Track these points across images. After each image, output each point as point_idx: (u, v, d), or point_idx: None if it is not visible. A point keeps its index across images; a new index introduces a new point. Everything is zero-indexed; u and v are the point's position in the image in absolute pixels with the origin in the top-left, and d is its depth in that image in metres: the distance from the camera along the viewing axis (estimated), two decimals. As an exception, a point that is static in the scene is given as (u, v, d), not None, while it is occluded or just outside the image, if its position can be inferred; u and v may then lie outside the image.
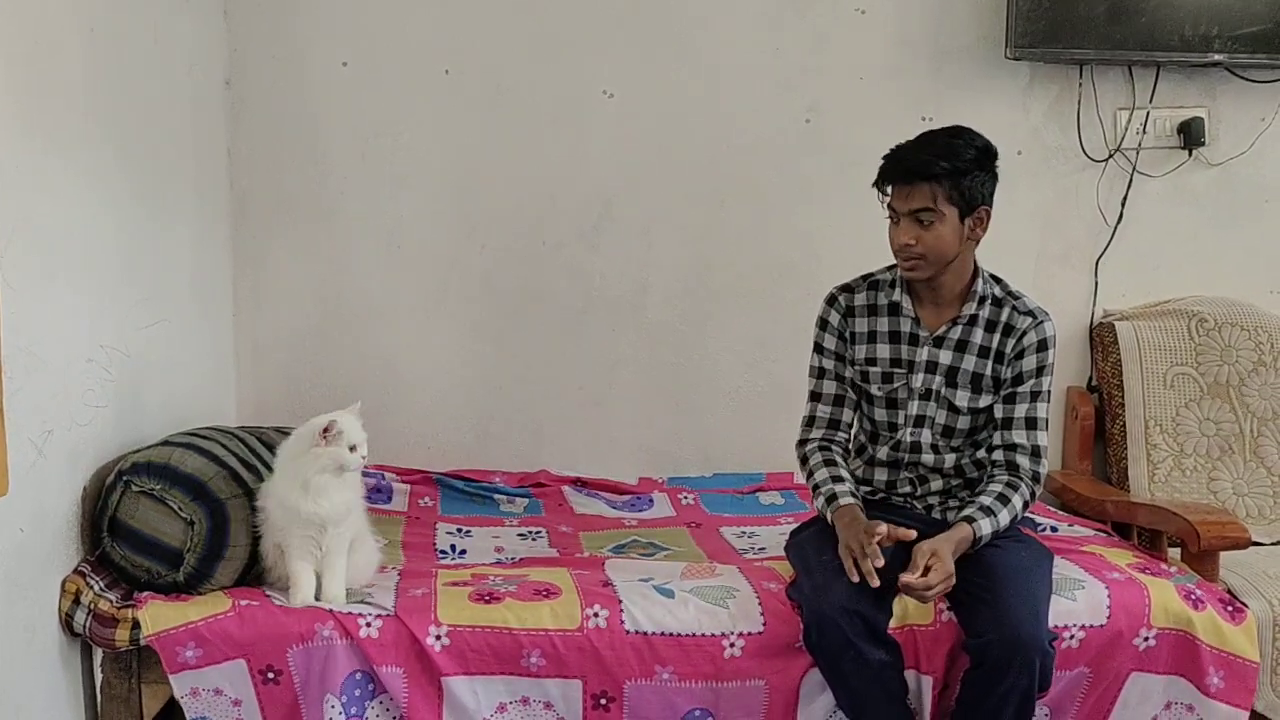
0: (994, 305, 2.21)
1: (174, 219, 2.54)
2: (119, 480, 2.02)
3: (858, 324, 2.26)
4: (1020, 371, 2.19)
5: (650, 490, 2.93)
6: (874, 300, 2.26)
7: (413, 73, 2.95)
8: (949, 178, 2.10)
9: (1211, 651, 2.09)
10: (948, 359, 2.20)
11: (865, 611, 1.96)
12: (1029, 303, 2.23)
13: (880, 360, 2.24)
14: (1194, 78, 3.04)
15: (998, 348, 2.19)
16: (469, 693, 1.99)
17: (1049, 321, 2.22)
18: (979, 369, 2.20)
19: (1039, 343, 2.19)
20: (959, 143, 2.13)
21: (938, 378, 2.21)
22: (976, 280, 2.22)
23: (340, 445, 1.98)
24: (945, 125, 2.22)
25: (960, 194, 2.11)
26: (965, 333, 2.20)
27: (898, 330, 2.23)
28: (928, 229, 2.11)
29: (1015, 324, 2.20)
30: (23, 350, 1.75)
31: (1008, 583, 2.02)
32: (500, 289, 3.03)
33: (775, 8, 3.00)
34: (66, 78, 1.98)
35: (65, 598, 1.94)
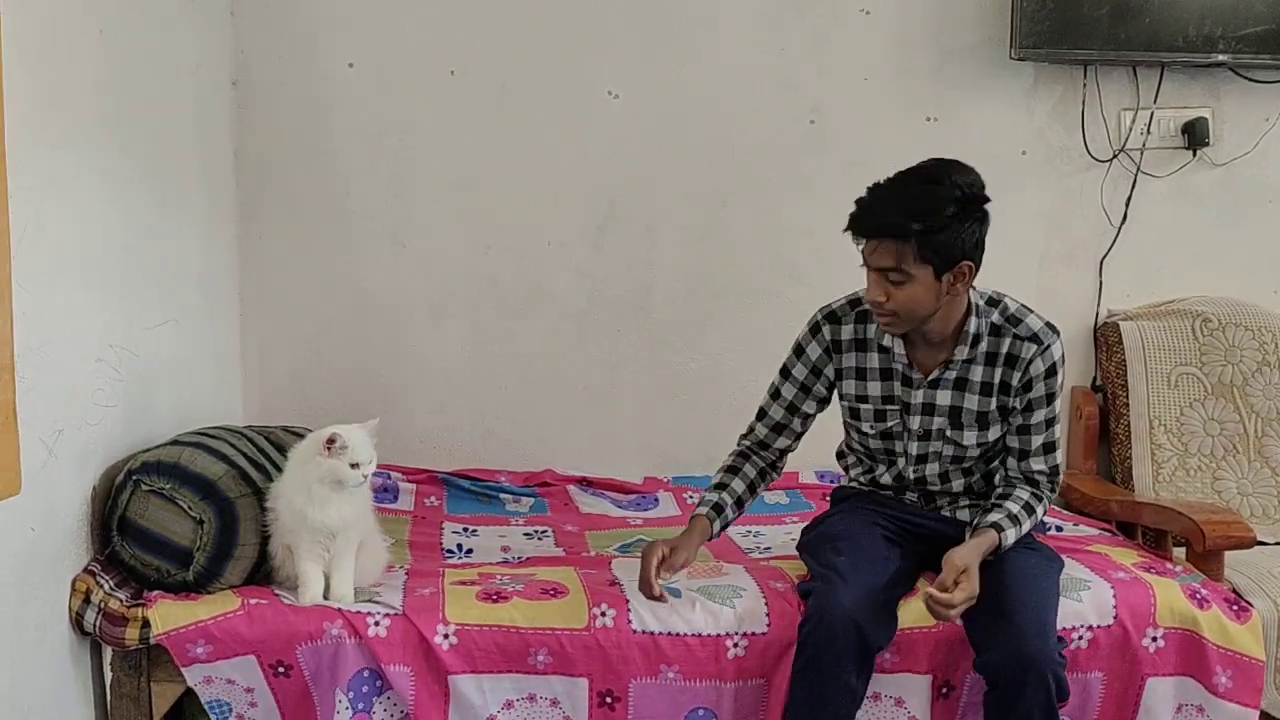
0: (992, 336, 2.06)
1: (181, 219, 2.55)
2: (129, 480, 2.03)
3: (845, 359, 2.14)
4: (1030, 401, 2.07)
5: (655, 489, 2.94)
6: (863, 335, 2.12)
7: (418, 74, 2.95)
8: (920, 237, 1.90)
9: (1218, 651, 2.10)
10: (947, 399, 2.09)
11: (865, 626, 1.92)
12: (1033, 324, 2.07)
13: (872, 399, 2.13)
14: (1198, 78, 3.04)
15: (1002, 379, 2.06)
16: (476, 691, 2.00)
17: (1056, 342, 2.07)
18: (983, 407, 2.07)
19: (1048, 370, 2.06)
20: (939, 192, 1.92)
21: (938, 419, 2.10)
22: (969, 318, 2.05)
23: (341, 460, 1.98)
24: (930, 161, 2.03)
25: (935, 252, 1.92)
26: (963, 370, 2.07)
27: (890, 368, 2.11)
28: (898, 288, 1.95)
29: (1019, 353, 2.05)
30: (34, 350, 1.76)
31: (1014, 596, 1.96)
32: (505, 289, 3.04)
33: (779, 8, 3.00)
34: (78, 79, 1.99)
35: (75, 596, 1.95)
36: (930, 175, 1.96)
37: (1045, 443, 2.12)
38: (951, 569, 1.92)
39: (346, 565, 2.04)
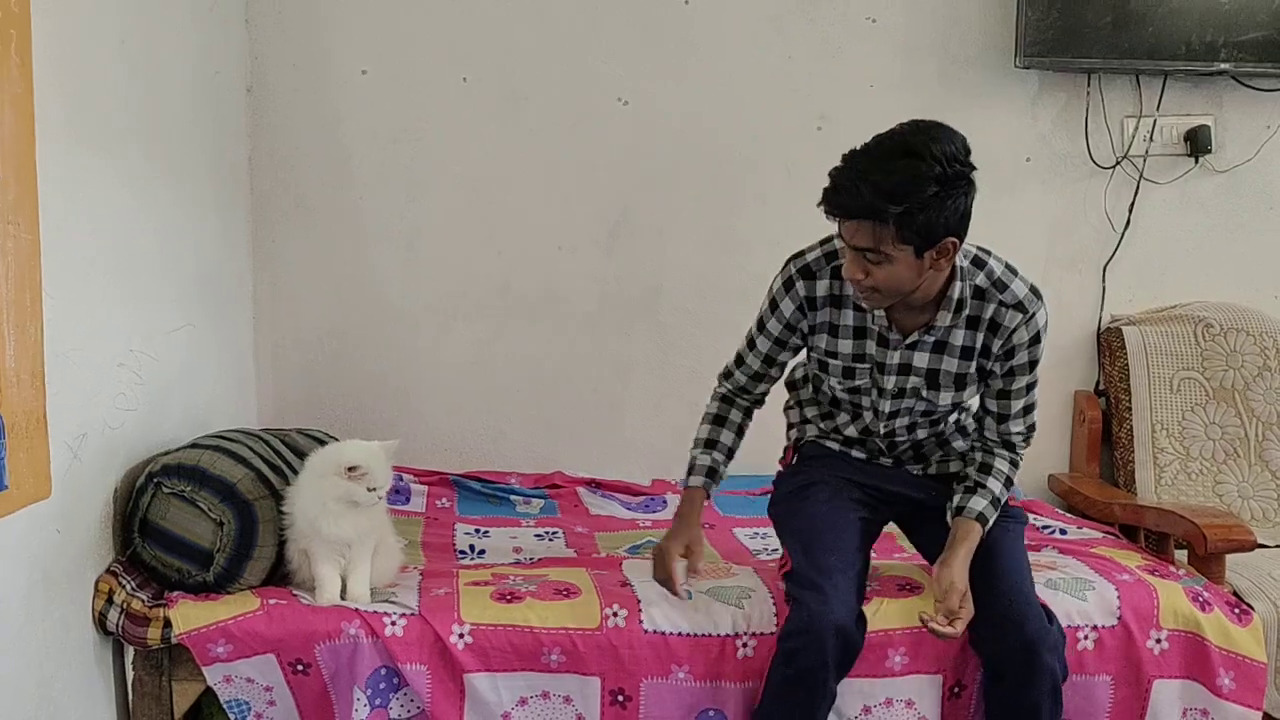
0: (975, 299, 1.98)
1: (198, 224, 2.58)
2: (150, 482, 2.07)
3: (820, 315, 2.05)
4: (1013, 368, 2.02)
5: (664, 491, 2.98)
6: (839, 290, 2.02)
7: (431, 80, 2.99)
8: (899, 219, 1.79)
9: (1221, 653, 2.13)
10: (924, 361, 2.03)
11: (852, 635, 1.94)
12: (1018, 290, 1.98)
13: (841, 355, 2.06)
14: (1200, 86, 3.08)
15: (983, 344, 2.00)
16: (490, 688, 2.03)
17: (1041, 310, 1.99)
18: (962, 369, 2.03)
19: (1032, 338, 1.99)
20: (918, 169, 1.78)
21: (913, 379, 2.05)
22: (953, 283, 1.96)
23: (360, 484, 2.02)
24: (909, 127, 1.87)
25: (915, 232, 1.81)
26: (943, 334, 2.01)
27: (864, 326, 2.03)
28: (878, 266, 1.86)
29: (1002, 320, 1.98)
30: (61, 356, 1.79)
31: (1004, 579, 1.99)
32: (516, 293, 3.07)
33: (787, 16, 3.04)
34: (102, 88, 2.03)
35: (99, 597, 1.99)
36: (910, 147, 1.81)
37: (1025, 405, 2.08)
38: (950, 593, 1.92)
39: (363, 568, 2.08)
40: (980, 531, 2.04)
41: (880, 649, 2.06)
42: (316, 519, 2.02)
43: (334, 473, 2.03)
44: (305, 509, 2.05)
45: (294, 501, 2.08)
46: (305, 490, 2.07)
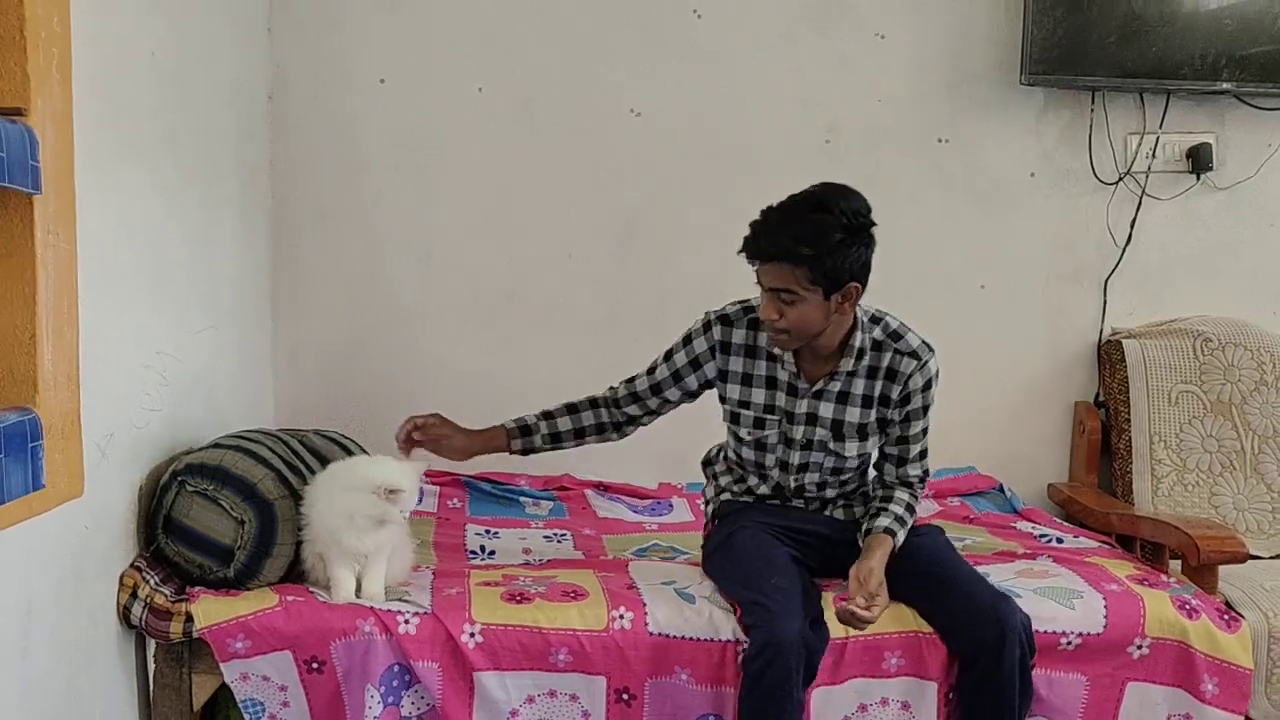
0: (874, 350, 2.19)
1: (221, 228, 2.65)
2: (174, 480, 2.14)
3: (733, 362, 2.24)
4: (909, 414, 2.21)
5: (670, 495, 3.04)
6: (753, 341, 2.22)
7: (447, 90, 3.06)
8: (810, 262, 2.01)
9: (1205, 659, 2.19)
10: (829, 411, 2.20)
11: (812, 645, 2.01)
12: (912, 341, 2.20)
13: (754, 405, 2.24)
14: (1203, 104, 3.13)
15: (881, 393, 2.19)
16: (499, 687, 2.10)
17: (932, 359, 2.20)
18: (863, 419, 2.20)
19: (925, 384, 2.19)
20: (827, 220, 2.01)
21: (819, 430, 2.21)
22: (855, 332, 2.17)
23: (393, 505, 2.08)
24: (819, 187, 2.09)
25: (824, 275, 2.03)
26: (846, 384, 2.19)
27: (775, 377, 2.22)
28: (790, 307, 2.06)
29: (898, 368, 2.18)
30: (93, 358, 1.86)
31: (954, 575, 2.14)
32: (526, 299, 3.14)
33: (798, 30, 3.10)
34: (133, 99, 2.09)
35: (123, 591, 2.05)
36: (819, 203, 2.05)
37: (921, 450, 2.27)
38: (865, 581, 2.06)
39: (378, 568, 2.14)
40: (890, 544, 2.16)
41: (876, 651, 2.13)
42: (338, 530, 2.07)
43: (370, 490, 2.06)
44: (326, 519, 2.09)
45: (314, 507, 2.14)
46: (331, 500, 2.11)
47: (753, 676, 2.01)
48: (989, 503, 3.04)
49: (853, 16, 3.10)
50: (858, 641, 2.12)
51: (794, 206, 2.06)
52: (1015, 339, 3.21)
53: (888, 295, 2.92)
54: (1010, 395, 3.22)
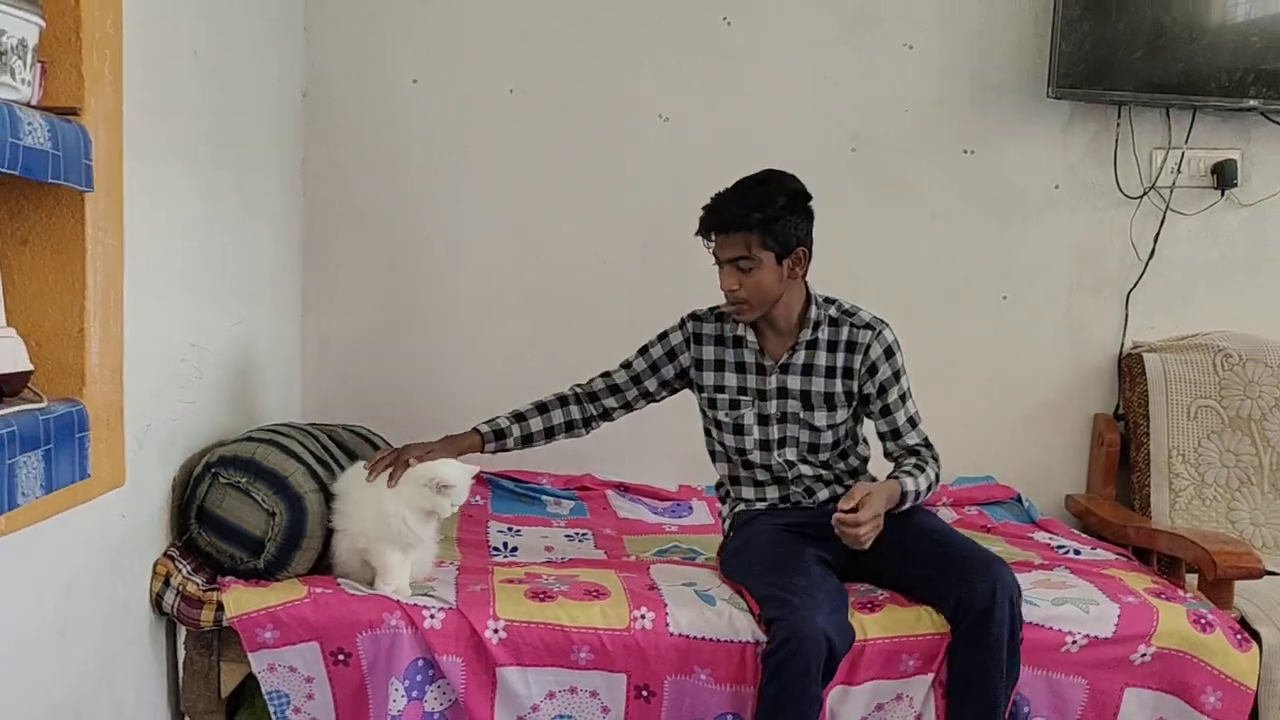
0: (831, 326, 2.35)
1: (258, 223, 2.70)
2: (207, 472, 2.18)
3: (705, 351, 2.42)
4: (881, 383, 2.34)
5: (690, 498, 3.07)
6: (721, 332, 2.41)
7: (479, 91, 3.10)
8: (760, 226, 2.23)
9: (1212, 672, 2.21)
10: (797, 384, 2.36)
11: (835, 639, 2.04)
12: (864, 316, 2.36)
13: (728, 388, 2.39)
14: (1229, 120, 3.15)
15: (844, 365, 2.34)
16: (521, 682, 2.13)
17: (888, 328, 2.36)
18: (829, 389, 2.35)
19: (885, 351, 2.34)
20: (768, 189, 2.26)
21: (791, 402, 2.36)
22: (810, 307, 2.35)
23: (444, 499, 2.16)
24: (762, 170, 2.33)
25: (775, 239, 2.24)
26: (808, 356, 2.35)
27: (743, 361, 2.39)
28: (748, 274, 2.25)
29: (857, 339, 2.34)
30: (132, 349, 1.89)
31: (950, 543, 2.24)
32: (552, 299, 3.17)
33: (826, 39, 3.13)
34: (177, 98, 2.14)
35: (156, 579, 2.10)
36: (761, 179, 2.30)
37: (909, 418, 2.38)
38: (856, 491, 2.16)
39: (408, 565, 2.19)
40: (895, 486, 2.26)
41: (894, 654, 2.16)
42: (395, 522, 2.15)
43: (423, 483, 2.16)
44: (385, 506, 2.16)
45: (358, 500, 2.19)
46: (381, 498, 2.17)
47: (772, 670, 2.04)
48: (1006, 512, 3.06)
49: (881, 27, 3.13)
50: (876, 643, 2.15)
51: (741, 184, 2.30)
52: (1036, 350, 3.22)
53: (910, 304, 2.98)
54: (1030, 406, 3.24)
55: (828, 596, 2.13)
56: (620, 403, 2.48)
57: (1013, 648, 2.10)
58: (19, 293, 1.55)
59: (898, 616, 2.18)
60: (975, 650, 2.10)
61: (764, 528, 2.35)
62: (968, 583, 2.11)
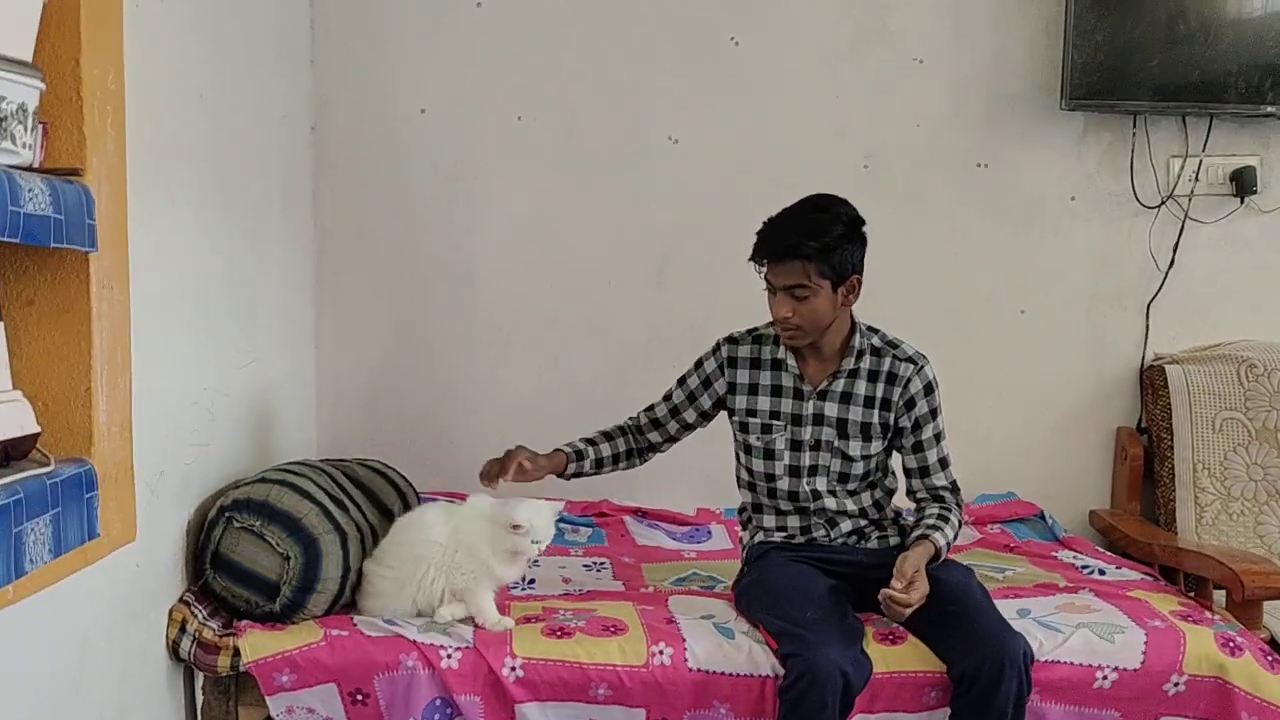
0: (874, 356, 2.33)
1: (266, 260, 2.70)
2: (221, 516, 2.18)
3: (740, 375, 2.38)
4: (916, 419, 2.32)
5: (708, 521, 3.06)
6: (758, 354, 2.38)
7: (487, 119, 3.09)
8: (818, 255, 2.19)
9: (1246, 697, 2.16)
10: (834, 411, 2.32)
11: (850, 674, 2.02)
12: (907, 349, 2.34)
13: (760, 412, 2.36)
14: (1246, 126, 3.10)
15: (883, 396, 2.31)
16: (540, 717, 2.12)
17: (928, 365, 2.33)
18: (866, 419, 2.32)
19: (925, 387, 2.31)
20: (826, 217, 2.22)
21: (826, 429, 2.32)
22: (855, 335, 2.33)
23: (522, 538, 2.18)
24: (814, 195, 2.30)
25: (831, 267, 2.21)
26: (848, 385, 2.32)
27: (780, 385, 2.35)
28: (803, 302, 2.22)
29: (898, 372, 2.31)
30: (145, 400, 1.90)
31: (968, 603, 2.17)
32: (567, 325, 3.16)
33: (835, 56, 3.11)
34: (183, 141, 2.14)
35: (172, 625, 2.10)
36: (817, 205, 2.27)
37: (940, 459, 2.35)
38: (906, 567, 2.13)
39: None
40: (928, 545, 2.22)
41: (917, 687, 2.13)
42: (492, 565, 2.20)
43: (499, 524, 2.19)
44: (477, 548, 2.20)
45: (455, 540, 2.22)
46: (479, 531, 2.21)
47: (788, 706, 2.03)
48: (1030, 530, 3.02)
49: (891, 42, 3.10)
50: (894, 678, 2.12)
51: (795, 209, 2.27)
52: (1056, 364, 3.19)
53: (928, 318, 2.95)
54: (1051, 421, 3.20)
55: (842, 630, 2.11)
56: (664, 436, 2.49)
57: (1018, 711, 2.06)
58: (25, 354, 1.55)
59: (919, 650, 2.15)
60: (978, 718, 2.06)
61: (778, 560, 2.33)
62: (973, 658, 2.06)
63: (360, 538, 2.29)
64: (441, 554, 2.22)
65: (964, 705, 2.08)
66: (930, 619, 2.15)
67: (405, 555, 2.25)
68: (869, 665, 2.10)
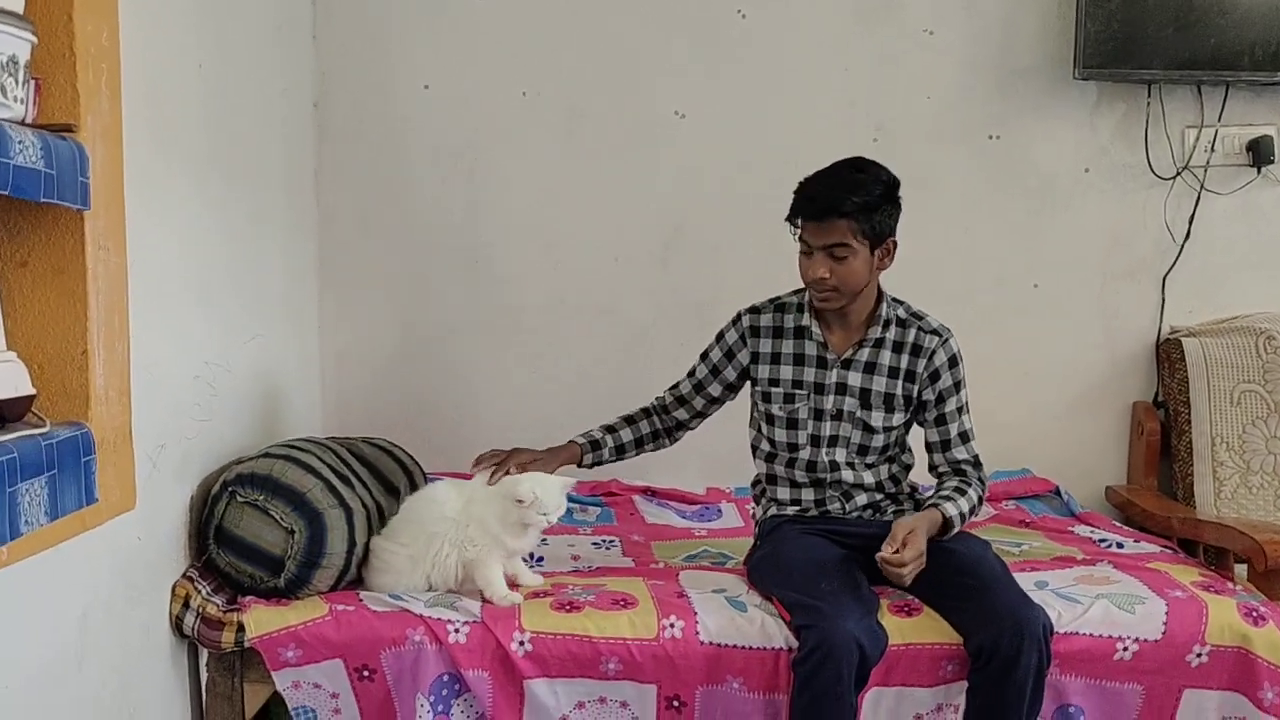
0: (899, 327, 2.30)
1: (269, 237, 2.67)
2: (224, 491, 2.15)
3: (762, 344, 2.35)
4: (940, 392, 2.29)
5: (718, 500, 3.02)
6: (780, 323, 2.35)
7: (491, 95, 3.06)
8: (860, 214, 2.17)
9: (1269, 667, 2.12)
10: (858, 380, 2.29)
11: (866, 646, 1.99)
12: (932, 322, 2.31)
13: (783, 381, 2.33)
14: (1263, 95, 3.05)
15: (908, 367, 2.29)
16: (549, 694, 2.09)
17: (953, 338, 2.31)
18: (890, 389, 2.29)
19: (949, 359, 2.29)
20: (865, 178, 2.20)
21: (849, 399, 2.30)
22: (881, 304, 2.30)
23: (533, 511, 2.17)
24: (851, 157, 2.26)
25: (872, 227, 2.18)
26: (873, 355, 2.29)
27: (803, 353, 2.32)
28: (840, 263, 2.19)
29: (923, 344, 2.28)
30: (143, 370, 1.87)
31: (986, 576, 2.13)
32: (572, 304, 3.13)
33: (844, 28, 3.06)
34: (182, 113, 2.11)
35: (175, 601, 2.07)
36: (857, 166, 2.24)
37: (961, 432, 2.32)
38: (899, 529, 2.12)
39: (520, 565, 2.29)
40: (936, 514, 2.19)
41: (933, 659, 2.09)
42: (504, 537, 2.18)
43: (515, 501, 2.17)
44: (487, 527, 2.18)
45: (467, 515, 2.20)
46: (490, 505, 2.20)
47: (803, 679, 1.99)
48: (1046, 506, 2.98)
49: (900, 14, 3.06)
50: (910, 649, 2.09)
51: (833, 170, 2.23)
52: (1071, 339, 3.14)
53: (940, 294, 2.89)
54: (1066, 396, 3.15)
55: (857, 601, 2.08)
56: (691, 412, 2.46)
57: (1038, 684, 2.02)
58: (20, 315, 1.52)
59: (935, 622, 2.11)
60: (997, 691, 2.02)
61: (791, 533, 2.30)
62: (991, 630, 2.02)
63: (366, 514, 2.25)
64: (455, 529, 2.20)
65: (983, 679, 2.04)
66: (947, 591, 2.12)
67: (418, 532, 2.22)
68: (885, 637, 2.06)
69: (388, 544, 2.23)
